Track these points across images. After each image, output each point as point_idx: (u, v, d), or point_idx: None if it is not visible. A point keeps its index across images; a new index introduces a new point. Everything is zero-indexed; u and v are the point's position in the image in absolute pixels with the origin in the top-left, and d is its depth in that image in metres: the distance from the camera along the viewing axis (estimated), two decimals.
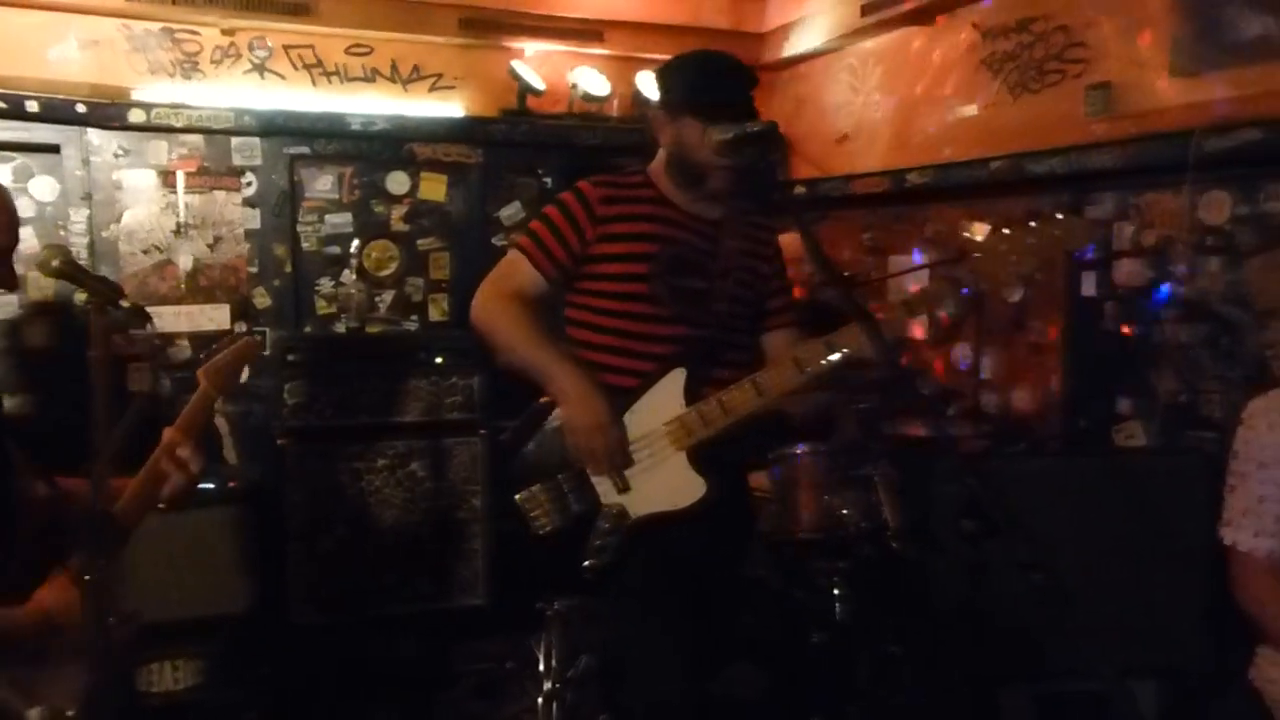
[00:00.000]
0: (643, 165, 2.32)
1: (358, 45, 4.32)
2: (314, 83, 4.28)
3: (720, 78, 2.16)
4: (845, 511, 3.06)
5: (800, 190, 4.69)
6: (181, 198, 3.96)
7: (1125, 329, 3.22)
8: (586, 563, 2.04)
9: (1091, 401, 3.34)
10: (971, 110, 3.85)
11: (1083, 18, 3.36)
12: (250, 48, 4.15)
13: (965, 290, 2.01)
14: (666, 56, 4.52)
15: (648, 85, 4.46)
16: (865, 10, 4.11)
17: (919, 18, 3.99)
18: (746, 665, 3.17)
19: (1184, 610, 2.46)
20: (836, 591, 3.16)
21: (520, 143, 4.42)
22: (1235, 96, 2.86)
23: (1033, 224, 1.91)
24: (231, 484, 3.51)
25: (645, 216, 2.20)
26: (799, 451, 3.16)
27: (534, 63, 4.50)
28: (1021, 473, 2.76)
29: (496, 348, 2.21)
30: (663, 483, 2.07)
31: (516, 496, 2.14)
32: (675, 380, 2.10)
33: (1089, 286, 3.33)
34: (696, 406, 2.07)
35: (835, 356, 2.00)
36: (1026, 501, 2.58)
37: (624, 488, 2.09)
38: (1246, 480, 1.94)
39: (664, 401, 2.09)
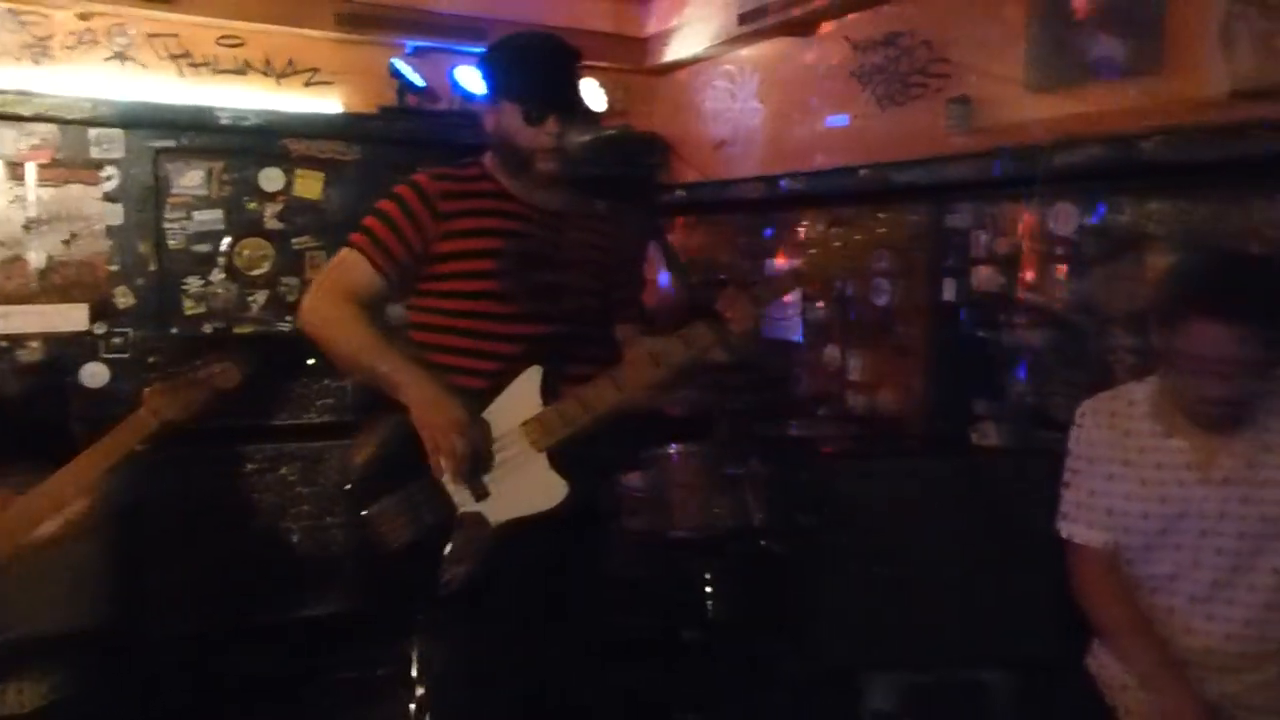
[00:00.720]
0: (476, 156, 2.23)
1: (228, 36, 4.19)
2: (181, 73, 4.13)
3: (535, 60, 2.10)
4: (717, 510, 3.13)
5: (680, 194, 4.75)
6: (32, 190, 3.77)
7: (981, 333, 3.36)
8: (445, 576, 1.95)
9: (950, 403, 3.48)
10: (842, 120, 3.96)
11: (945, 34, 3.49)
12: (109, 34, 3.98)
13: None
14: None
15: None
16: (743, 19, 4.19)
17: (794, 28, 4.08)
18: (620, 665, 3.22)
19: (1032, 602, 2.57)
20: (709, 589, 3.23)
21: (399, 140, 4.34)
22: (1083, 113, 3.02)
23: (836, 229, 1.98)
24: None
25: (488, 211, 2.12)
26: (672, 452, 3.22)
27: (414, 60, 4.44)
28: (883, 471, 2.84)
29: (331, 353, 2.09)
30: (523, 486, 2.00)
31: (365, 513, 2.01)
32: (531, 379, 2.03)
33: (949, 292, 3.47)
34: (555, 405, 2.01)
35: (690, 351, 1.98)
36: (888, 499, 2.68)
37: (482, 494, 2.00)
38: (1080, 476, 2.04)
39: (520, 401, 2.02)
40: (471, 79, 4.32)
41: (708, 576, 3.19)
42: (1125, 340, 2.92)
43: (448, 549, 1.97)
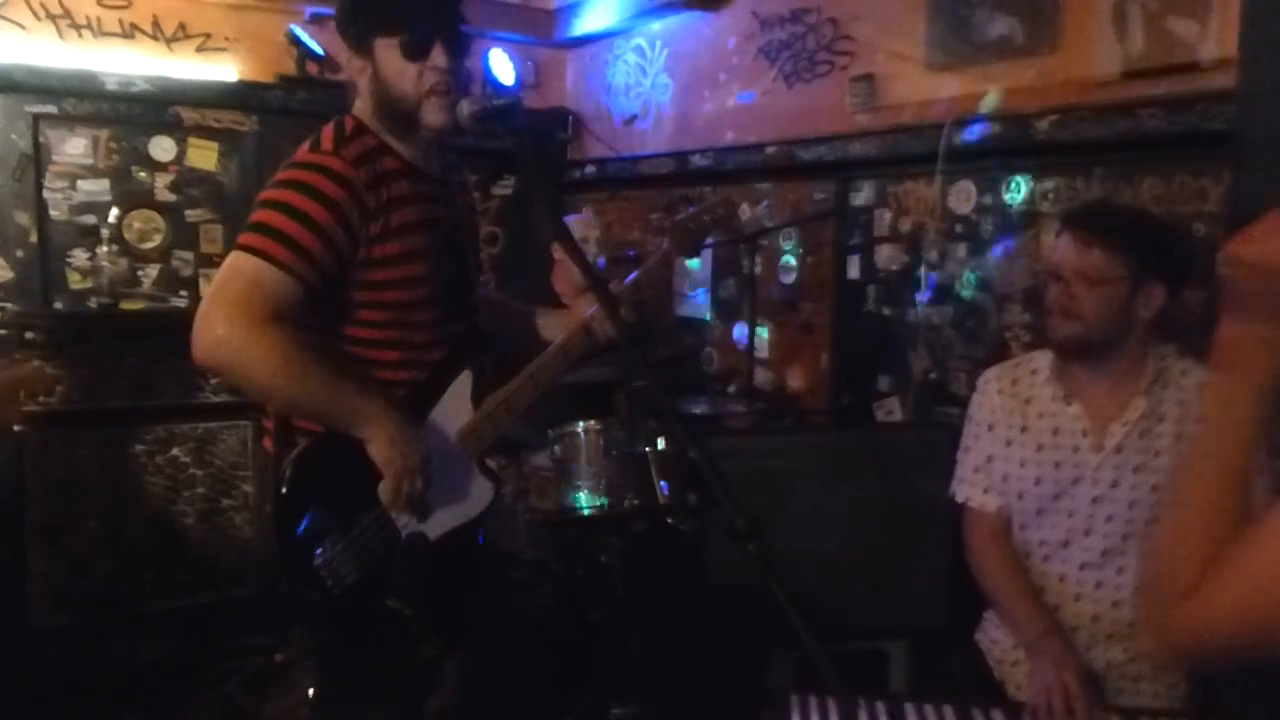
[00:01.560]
0: (343, 116, 1.87)
1: None
2: (61, 35, 3.91)
3: None
4: (623, 489, 3.11)
5: (590, 170, 4.70)
6: None
7: (885, 310, 3.40)
8: (392, 601, 1.82)
9: (855, 379, 3.51)
10: (750, 96, 3.95)
11: (849, 11, 3.50)
12: None
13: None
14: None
15: None
16: None
17: (703, 3, 4.05)
18: (530, 646, 3.18)
19: (932, 574, 2.61)
20: (615, 568, 3.21)
21: (299, 111, 4.20)
22: (981, 92, 3.05)
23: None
24: None
25: (409, 199, 1.83)
26: (578, 430, 3.18)
27: (314, 28, 4.29)
28: (788, 447, 2.85)
29: (259, 391, 1.71)
30: (456, 496, 1.90)
31: (316, 563, 1.76)
32: (462, 385, 1.91)
33: (853, 270, 3.50)
34: (484, 410, 1.90)
35: (593, 340, 1.95)
36: (793, 474, 2.70)
37: (426, 514, 1.86)
38: (979, 441, 2.07)
39: (454, 410, 1.90)
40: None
41: (613, 555, 3.17)
42: (1022, 316, 2.98)
43: (395, 575, 1.82)
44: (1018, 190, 2.99)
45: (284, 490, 1.76)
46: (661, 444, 3.04)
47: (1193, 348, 2.53)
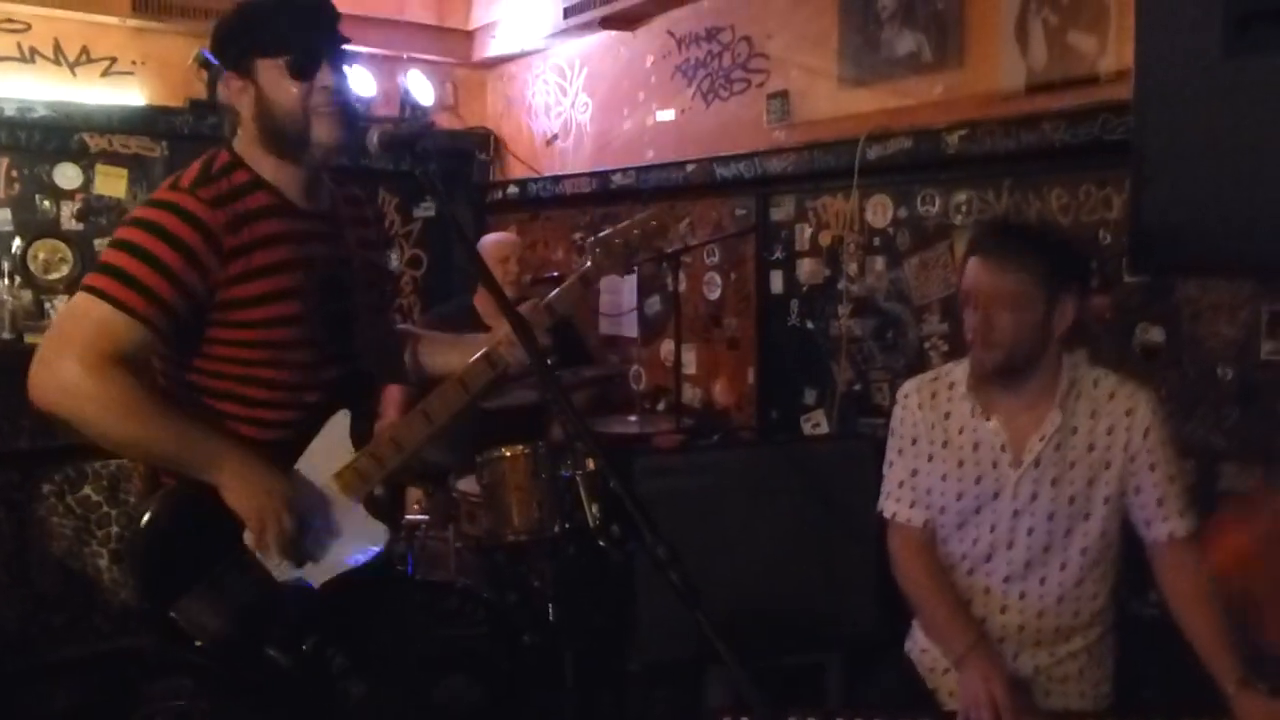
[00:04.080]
0: (219, 150, 1.79)
1: (8, 21, 3.85)
2: None
3: (293, 2, 1.74)
4: (552, 512, 3.08)
5: (512, 190, 4.67)
6: None
7: (808, 324, 3.43)
8: (272, 651, 1.73)
9: (781, 393, 3.54)
10: (669, 114, 3.98)
11: (763, 29, 3.55)
12: None
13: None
14: (370, 50, 4.46)
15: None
16: (568, 13, 4.15)
17: (619, 23, 4.07)
18: (461, 675, 3.13)
19: (861, 586, 2.63)
20: (547, 592, 3.17)
21: (209, 136, 4.08)
22: (893, 108, 3.11)
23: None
24: None
25: (277, 238, 1.75)
26: (506, 454, 3.14)
27: None
28: (717, 463, 2.85)
29: (103, 437, 1.64)
30: (343, 540, 1.81)
31: (173, 613, 1.67)
32: (339, 425, 1.82)
33: (776, 284, 3.53)
34: (367, 450, 1.82)
35: (496, 370, 1.86)
36: (722, 490, 2.69)
37: (303, 560, 1.77)
38: (903, 455, 2.08)
39: (330, 450, 1.81)
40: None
41: (545, 580, 3.13)
42: (940, 327, 3.03)
43: (272, 627, 1.73)
44: (931, 204, 3.05)
45: (143, 538, 1.70)
46: (591, 466, 3.03)
47: (1100, 354, 2.60)
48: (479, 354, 1.88)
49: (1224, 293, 2.43)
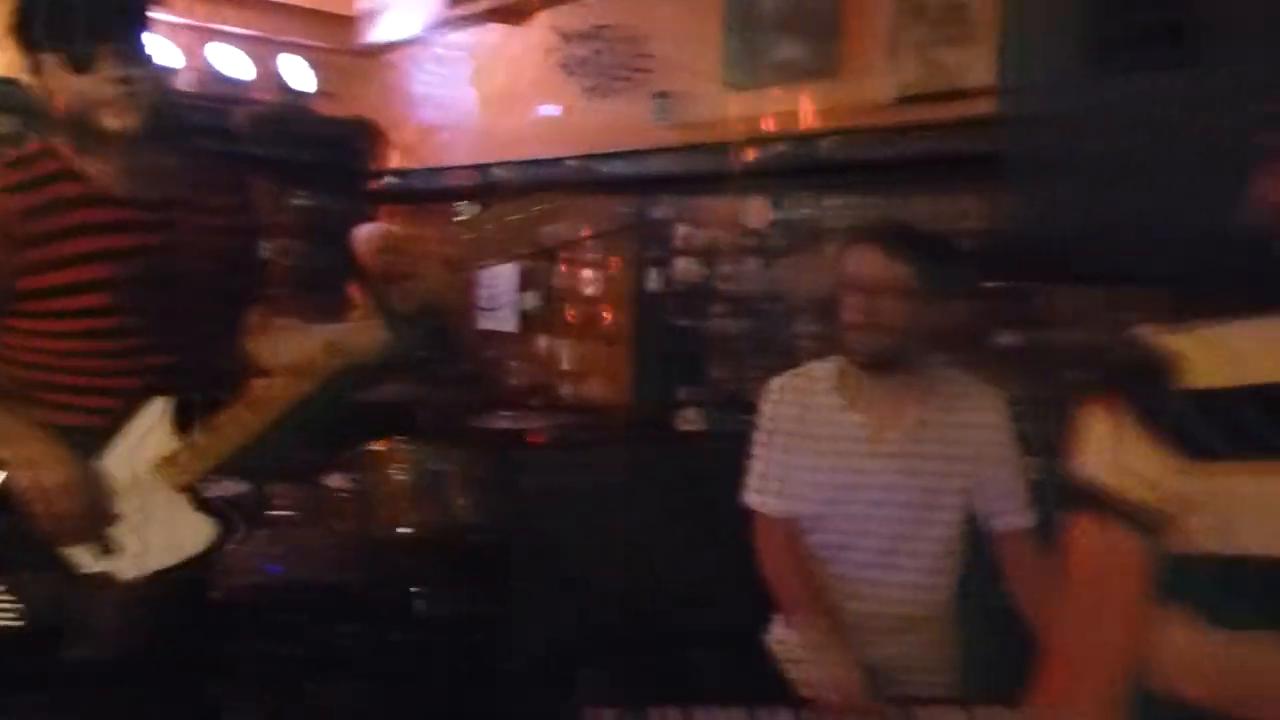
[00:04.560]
0: (33, 134, 1.79)
1: None
2: None
3: None
4: (425, 507, 3.04)
5: (392, 180, 4.58)
6: None
7: (684, 322, 3.47)
8: (72, 652, 1.65)
9: (657, 389, 3.57)
10: (554, 110, 3.96)
11: (648, 29, 3.57)
12: None
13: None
14: (244, 32, 4.30)
15: (219, 57, 4.12)
16: (454, 2, 4.10)
17: (504, 15, 4.04)
18: (340, 677, 3.05)
19: (734, 578, 2.67)
20: (420, 588, 3.13)
21: None
22: (771, 112, 3.17)
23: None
24: None
25: (83, 229, 1.69)
26: (377, 449, 3.09)
27: None
28: (591, 459, 2.86)
29: None
30: (159, 534, 1.74)
31: None
32: (160, 412, 1.75)
33: (655, 282, 3.56)
34: (191, 439, 1.75)
35: (335, 359, 1.80)
36: (597, 485, 2.71)
37: (108, 551, 1.70)
38: (767, 449, 2.12)
39: (150, 439, 1.75)
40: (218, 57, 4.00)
41: (418, 576, 3.09)
42: (811, 327, 3.10)
43: (74, 621, 1.66)
44: (805, 207, 3.12)
45: None
46: (464, 460, 3.01)
47: (960, 355, 2.71)
48: (320, 344, 1.81)
49: (1079, 300, 2.55)
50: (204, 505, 1.78)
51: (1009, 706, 1.75)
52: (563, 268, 3.68)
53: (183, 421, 1.76)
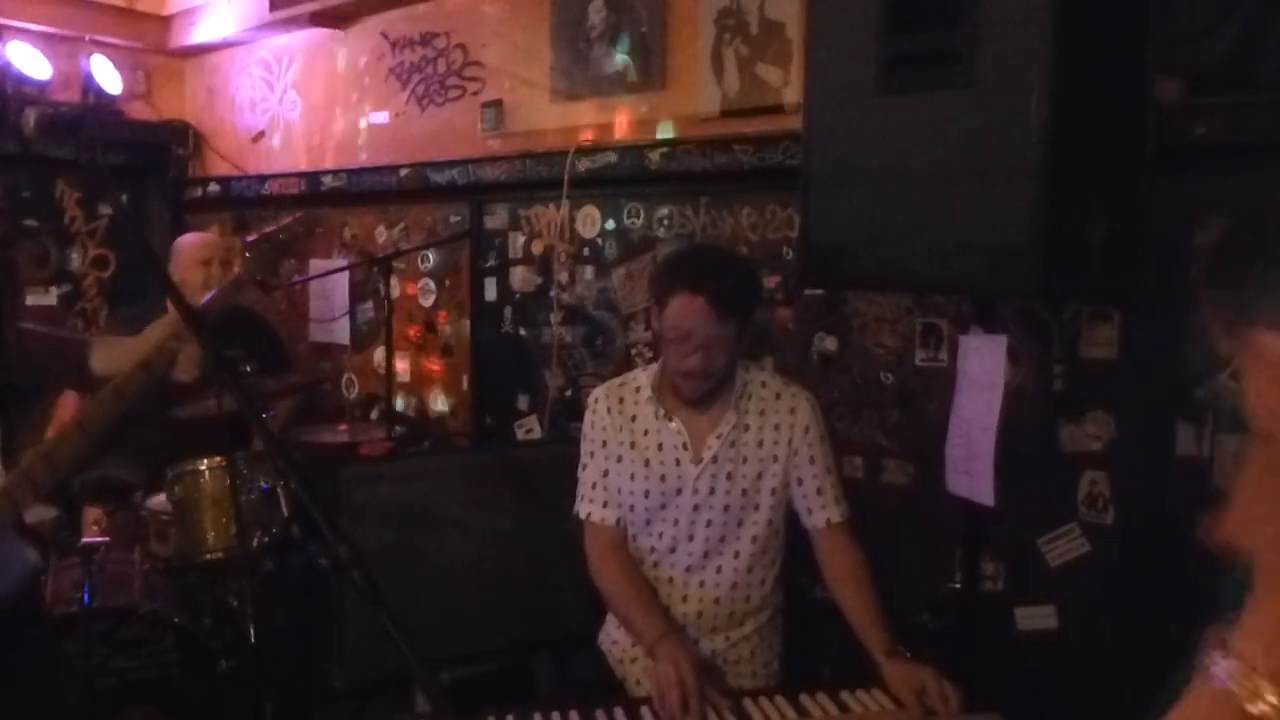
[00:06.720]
0: None
1: None
2: None
3: None
4: (249, 527, 2.93)
5: (214, 188, 4.40)
6: None
7: (522, 331, 3.48)
8: None
9: (496, 399, 3.57)
10: (383, 117, 3.90)
11: (477, 38, 3.57)
12: None
13: None
14: (45, 29, 4.05)
15: (16, 55, 3.86)
16: (274, 5, 3.97)
17: (329, 20, 3.95)
18: (145, 708, 2.89)
19: (569, 585, 2.69)
20: (245, 612, 3.01)
21: None
22: (602, 123, 3.23)
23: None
24: None
25: None
26: (200, 467, 2.96)
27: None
28: (427, 470, 2.82)
29: None
30: None
31: None
32: None
33: (491, 292, 3.55)
34: (18, 470, 1.67)
35: (153, 378, 1.76)
36: (434, 497, 2.67)
37: None
38: (594, 458, 2.16)
39: None
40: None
41: (243, 599, 2.97)
42: (644, 335, 3.17)
43: None
44: (636, 216, 3.18)
45: None
46: (292, 478, 2.91)
47: (784, 360, 2.84)
48: (136, 361, 1.75)
49: (885, 306, 2.71)
50: (25, 535, 1.71)
51: (830, 694, 1.85)
52: (398, 278, 3.62)
53: (8, 450, 1.67)
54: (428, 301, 3.77)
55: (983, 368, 2.07)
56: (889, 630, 1.90)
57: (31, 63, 3.86)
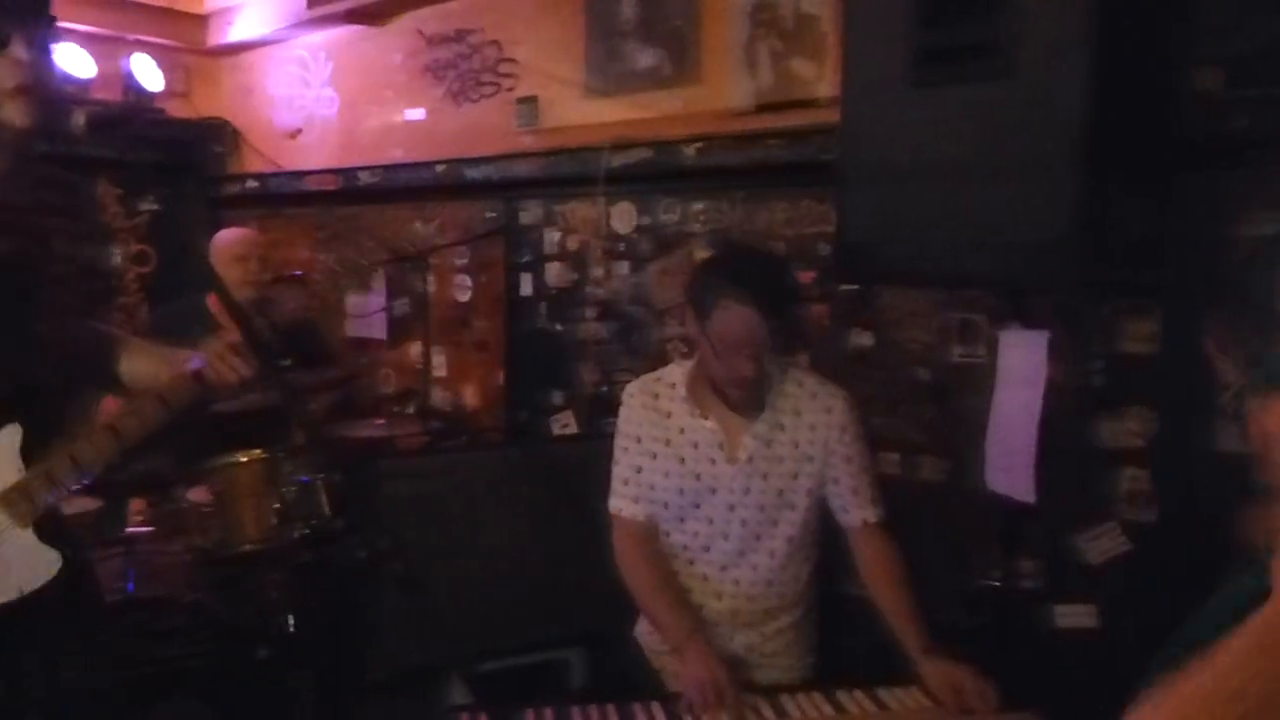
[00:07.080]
0: None
1: None
2: None
3: None
4: (290, 520, 2.96)
5: (251, 184, 4.45)
6: None
7: (556, 326, 3.49)
8: None
9: (530, 394, 3.58)
10: (418, 114, 3.93)
11: (511, 35, 3.58)
12: None
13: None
14: (89, 29, 4.11)
15: (65, 57, 3.93)
16: (312, 3, 4.01)
17: (365, 17, 3.98)
18: (189, 698, 2.94)
19: (604, 579, 2.70)
20: (283, 603, 3.05)
21: None
22: (635, 119, 3.23)
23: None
24: None
25: None
26: (240, 460, 2.99)
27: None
28: (463, 465, 2.84)
29: None
30: (3, 569, 1.64)
31: None
32: (7, 440, 1.64)
33: (526, 287, 3.57)
34: (40, 468, 1.65)
35: (204, 390, 1.73)
36: (469, 491, 2.69)
37: None
38: (628, 453, 2.16)
39: None
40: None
41: (281, 590, 3.01)
42: (679, 330, 3.17)
43: None
44: (671, 212, 3.18)
45: None
46: (330, 471, 2.94)
47: (819, 357, 2.82)
48: (186, 371, 1.74)
49: (921, 301, 2.69)
50: (49, 537, 1.68)
51: (867, 691, 1.84)
52: (434, 274, 3.65)
53: (33, 449, 1.65)
54: (463, 297, 3.79)
55: (1024, 363, 2.05)
56: (925, 629, 1.90)
57: (77, 62, 3.93)
